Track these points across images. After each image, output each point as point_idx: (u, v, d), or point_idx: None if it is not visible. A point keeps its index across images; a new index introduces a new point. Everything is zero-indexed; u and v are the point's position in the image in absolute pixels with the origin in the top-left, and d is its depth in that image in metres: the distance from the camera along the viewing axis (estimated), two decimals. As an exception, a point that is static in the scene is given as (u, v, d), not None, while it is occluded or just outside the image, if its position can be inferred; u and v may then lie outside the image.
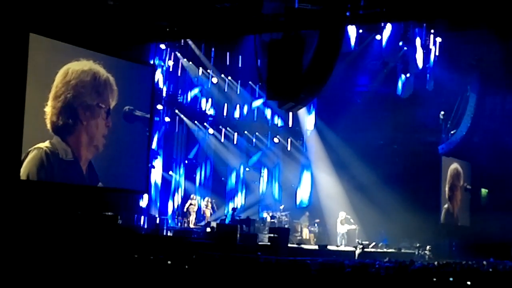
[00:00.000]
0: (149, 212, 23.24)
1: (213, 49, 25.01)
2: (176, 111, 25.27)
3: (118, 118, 20.12)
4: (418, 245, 22.56)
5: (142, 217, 22.32)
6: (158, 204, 24.21)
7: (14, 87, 17.22)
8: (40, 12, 17.50)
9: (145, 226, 21.91)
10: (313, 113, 26.18)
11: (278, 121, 27.23)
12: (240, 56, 25.18)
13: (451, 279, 10.33)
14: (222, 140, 26.40)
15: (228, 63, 25.50)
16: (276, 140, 27.05)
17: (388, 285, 10.07)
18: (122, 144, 20.38)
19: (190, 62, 24.98)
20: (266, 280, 9.74)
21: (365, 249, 20.76)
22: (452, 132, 25.63)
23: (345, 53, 20.85)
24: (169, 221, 23.86)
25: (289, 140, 27.06)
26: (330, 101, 25.18)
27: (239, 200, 26.90)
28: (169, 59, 24.38)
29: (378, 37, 23.46)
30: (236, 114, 26.79)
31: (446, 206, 26.74)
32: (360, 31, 22.94)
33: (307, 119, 26.33)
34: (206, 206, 24.57)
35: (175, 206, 25.07)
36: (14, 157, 17.28)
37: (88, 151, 19.23)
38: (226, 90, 25.97)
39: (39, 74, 17.87)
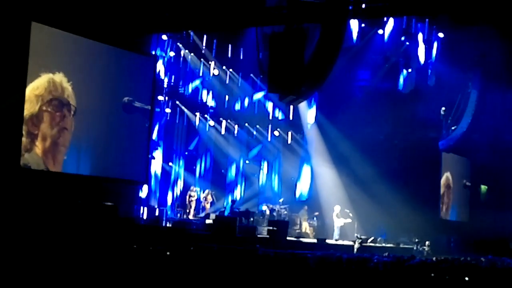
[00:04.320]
0: (149, 203, 23.25)
1: (215, 41, 24.92)
2: (177, 102, 25.26)
3: (117, 109, 20.09)
4: (416, 240, 22.56)
5: (142, 208, 22.34)
6: (158, 195, 24.25)
7: (15, 76, 17.20)
8: (42, 0, 17.45)
9: (145, 217, 21.93)
10: (314, 106, 26.14)
11: (278, 114, 27.20)
12: (241, 49, 25.10)
13: (449, 275, 10.32)
14: (223, 132, 26.39)
15: (229, 55, 25.43)
16: (276, 133, 27.03)
17: (386, 279, 10.07)
18: (121, 135, 20.35)
19: (192, 54, 24.94)
20: (264, 272, 9.74)
21: (364, 244, 20.77)
22: (452, 128, 25.59)
23: (347, 47, 20.76)
24: (169, 212, 23.87)
25: (289, 133, 27.04)
26: (331, 95, 25.12)
27: (239, 192, 26.92)
28: (171, 50, 24.32)
29: (380, 31, 23.40)
30: (237, 107, 26.78)
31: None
32: (362, 25, 22.85)
33: (308, 113, 26.30)
34: (206, 198, 24.60)
35: (175, 197, 25.10)
36: (14, 145, 17.27)
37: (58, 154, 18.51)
38: (227, 82, 25.95)
39: (40, 63, 17.83)
